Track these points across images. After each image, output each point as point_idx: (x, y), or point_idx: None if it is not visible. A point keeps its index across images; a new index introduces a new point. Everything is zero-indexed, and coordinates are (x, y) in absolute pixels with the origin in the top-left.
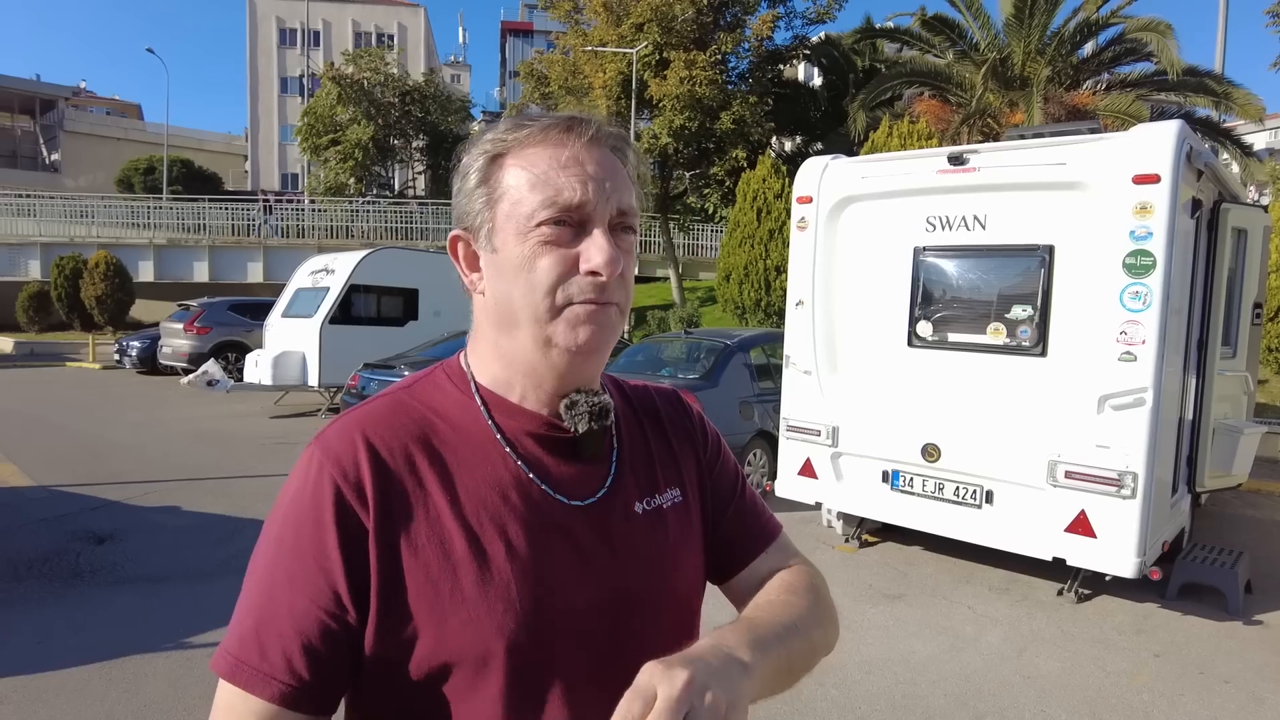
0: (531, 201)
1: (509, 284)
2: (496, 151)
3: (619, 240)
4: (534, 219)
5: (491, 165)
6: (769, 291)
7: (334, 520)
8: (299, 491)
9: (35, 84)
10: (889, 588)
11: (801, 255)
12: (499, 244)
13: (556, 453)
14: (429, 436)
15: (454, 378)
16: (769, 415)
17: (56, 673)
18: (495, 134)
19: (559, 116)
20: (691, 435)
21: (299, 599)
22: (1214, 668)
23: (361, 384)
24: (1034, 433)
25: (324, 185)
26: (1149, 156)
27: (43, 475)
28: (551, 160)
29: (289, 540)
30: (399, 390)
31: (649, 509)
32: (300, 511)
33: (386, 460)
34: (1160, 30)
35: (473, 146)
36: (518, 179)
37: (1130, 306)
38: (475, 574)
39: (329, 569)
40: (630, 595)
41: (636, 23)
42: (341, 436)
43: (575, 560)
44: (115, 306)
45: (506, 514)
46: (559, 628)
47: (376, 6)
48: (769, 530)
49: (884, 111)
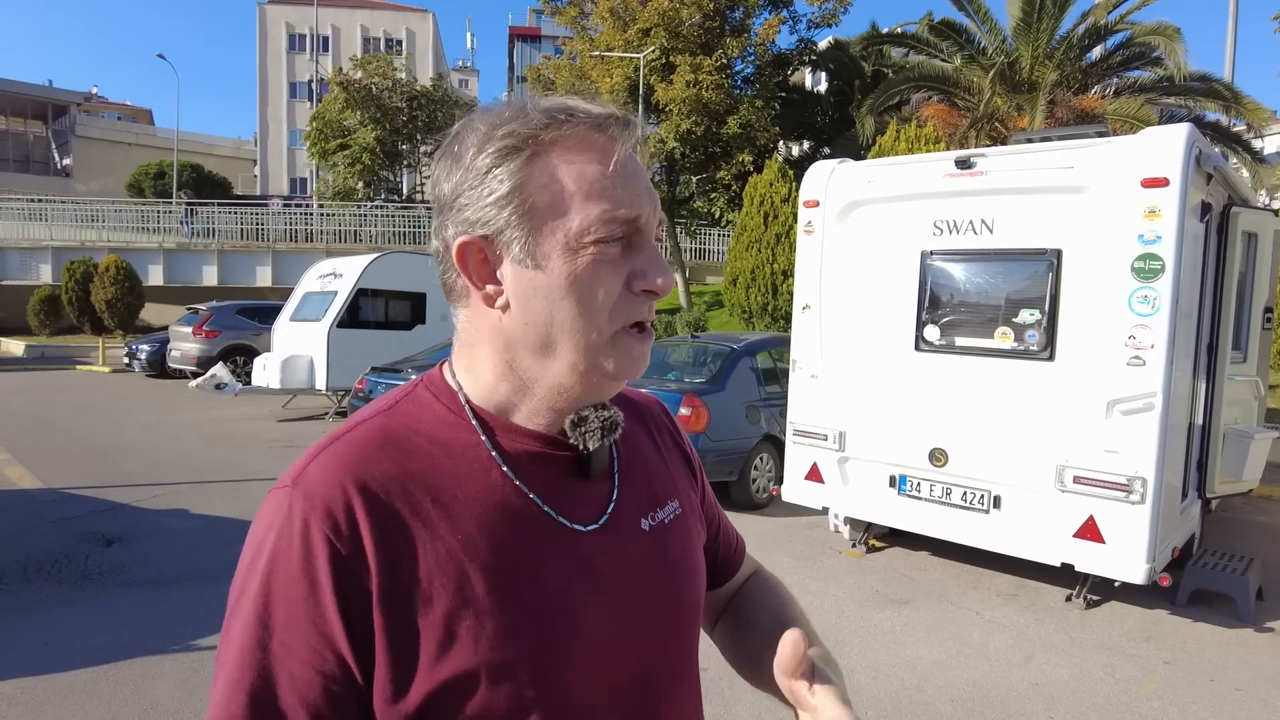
0: (586, 214)
1: (551, 304)
2: (530, 150)
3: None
4: (590, 234)
5: (526, 165)
6: (775, 296)
7: (331, 584)
8: (282, 551)
9: (48, 90)
10: (896, 593)
11: (808, 259)
12: (541, 259)
13: (560, 473)
14: (424, 468)
15: (442, 396)
16: (775, 419)
17: (64, 674)
18: (523, 126)
19: (599, 114)
20: (679, 443)
21: (298, 668)
22: (1225, 675)
23: (369, 387)
24: (1042, 437)
25: (332, 190)
26: (1158, 160)
27: (52, 477)
28: (602, 166)
29: (279, 613)
30: (379, 414)
31: (654, 525)
32: (288, 576)
33: (383, 505)
34: (1169, 35)
35: (488, 135)
36: (564, 186)
37: (1139, 311)
38: (501, 618)
39: (329, 634)
40: (650, 619)
41: (643, 28)
42: (326, 481)
43: (595, 590)
44: (125, 310)
45: (522, 548)
46: (587, 663)
47: (385, 12)
48: (742, 543)
49: (891, 116)
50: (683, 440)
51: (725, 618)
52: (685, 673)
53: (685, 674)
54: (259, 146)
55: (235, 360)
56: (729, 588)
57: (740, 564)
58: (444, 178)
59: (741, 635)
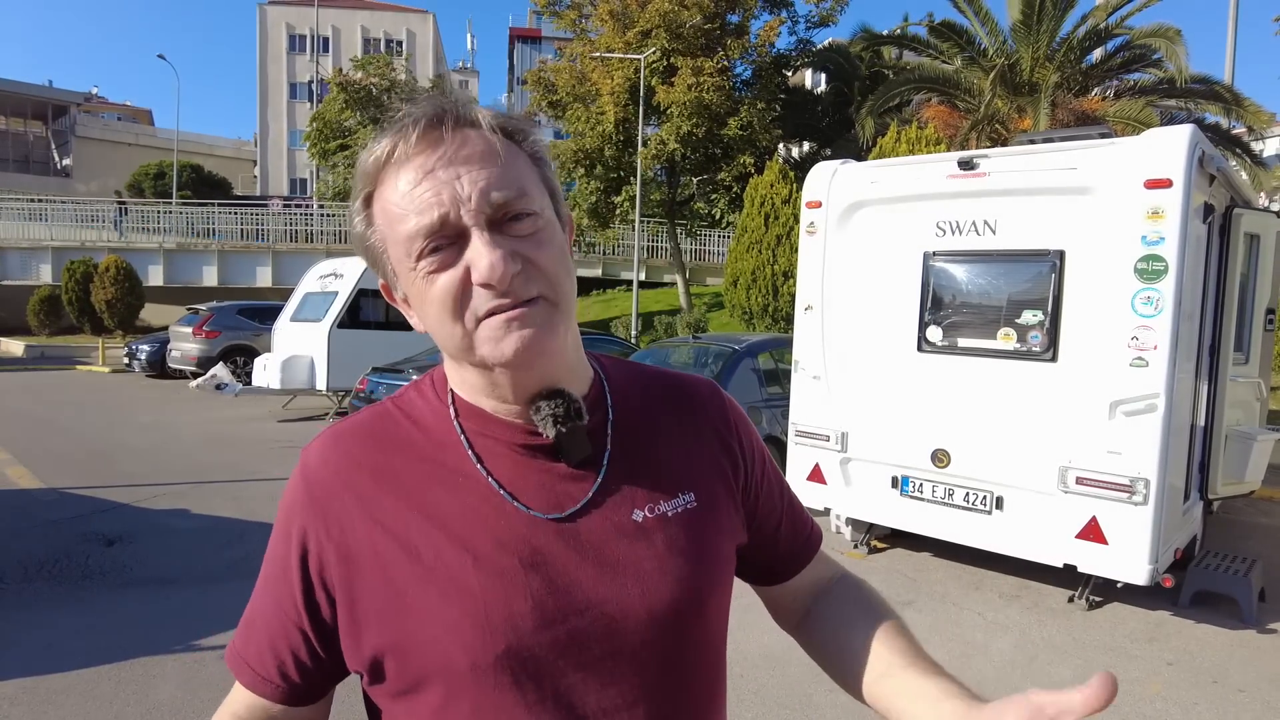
0: (400, 240)
1: (427, 320)
2: (367, 191)
3: (511, 231)
4: (411, 256)
5: (368, 209)
6: (776, 297)
7: (297, 534)
8: (282, 501)
9: (48, 90)
10: (898, 594)
11: (810, 260)
12: (404, 289)
13: (539, 460)
14: (404, 448)
15: (437, 385)
16: (777, 420)
17: (65, 674)
18: (363, 168)
19: (403, 119)
20: (721, 431)
21: (269, 602)
22: (1228, 677)
23: (370, 388)
24: (1045, 438)
25: (333, 190)
26: (1161, 161)
27: (53, 477)
28: (402, 183)
29: (271, 546)
30: (389, 398)
31: (651, 516)
32: (278, 520)
33: (353, 474)
34: (1169, 36)
35: (359, 175)
36: (384, 219)
37: (1142, 312)
38: (438, 589)
39: (290, 579)
40: (611, 611)
41: (643, 29)
42: (320, 448)
43: (543, 577)
44: (125, 310)
45: (473, 529)
46: (529, 646)
47: (385, 13)
48: (814, 539)
49: (892, 117)
50: (729, 428)
51: (815, 622)
52: (689, 654)
53: (692, 657)
54: (259, 147)
55: (235, 360)
56: (800, 585)
57: (807, 561)
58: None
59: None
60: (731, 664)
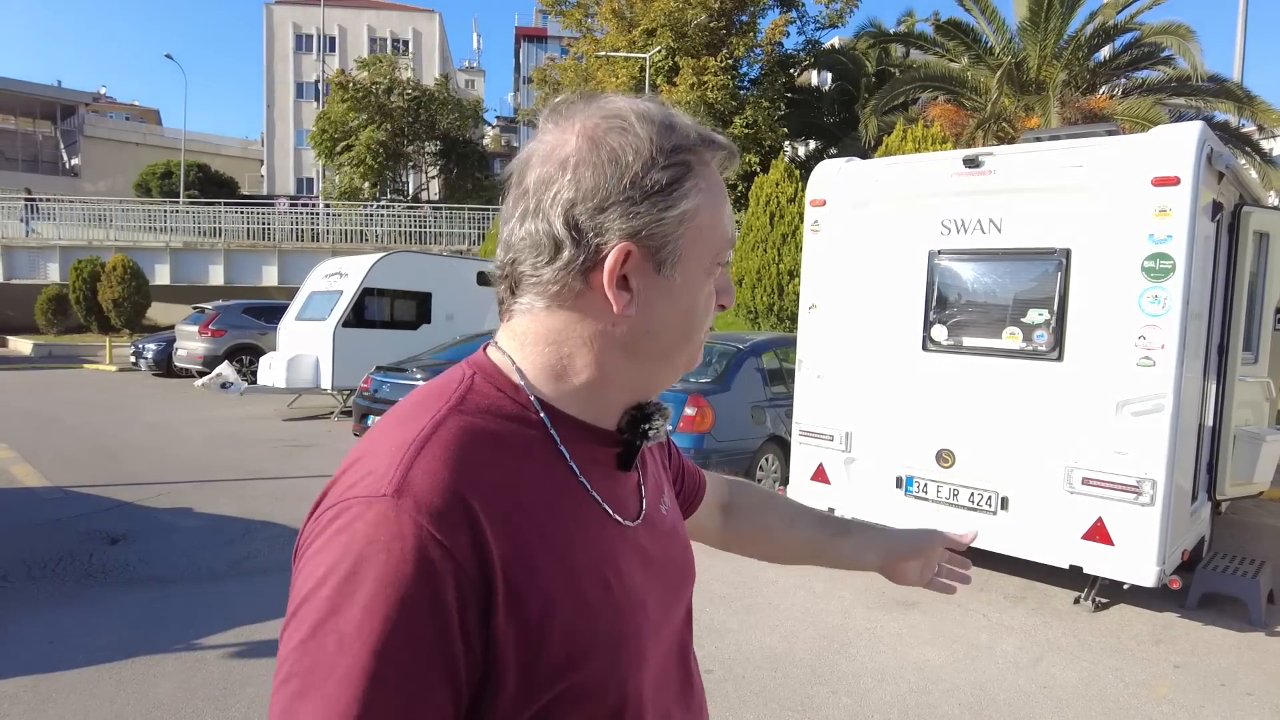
0: (718, 238)
1: (673, 313)
2: (699, 173)
3: None
4: (720, 257)
5: (697, 187)
6: (781, 296)
7: (455, 605)
8: (394, 569)
9: (56, 90)
10: (902, 595)
11: (815, 258)
12: (681, 273)
13: (605, 467)
14: (514, 471)
15: (506, 390)
16: (781, 420)
17: (67, 673)
18: (687, 140)
19: (727, 145)
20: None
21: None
22: (1236, 679)
23: (374, 387)
24: (1050, 439)
25: (338, 190)
26: (1169, 158)
27: (58, 476)
28: (722, 194)
29: (394, 639)
30: (452, 411)
31: (669, 506)
32: (406, 597)
33: (498, 513)
34: (1181, 34)
35: (660, 147)
36: (709, 209)
37: (1149, 311)
38: (607, 616)
39: (453, 661)
40: (679, 601)
41: (648, 29)
42: (438, 490)
43: (650, 579)
44: (132, 309)
45: (601, 545)
46: (652, 649)
47: (392, 13)
48: (697, 470)
49: (898, 116)
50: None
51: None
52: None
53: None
54: (266, 146)
55: (241, 359)
56: (704, 511)
57: (705, 492)
58: (589, 175)
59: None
60: (732, 664)
